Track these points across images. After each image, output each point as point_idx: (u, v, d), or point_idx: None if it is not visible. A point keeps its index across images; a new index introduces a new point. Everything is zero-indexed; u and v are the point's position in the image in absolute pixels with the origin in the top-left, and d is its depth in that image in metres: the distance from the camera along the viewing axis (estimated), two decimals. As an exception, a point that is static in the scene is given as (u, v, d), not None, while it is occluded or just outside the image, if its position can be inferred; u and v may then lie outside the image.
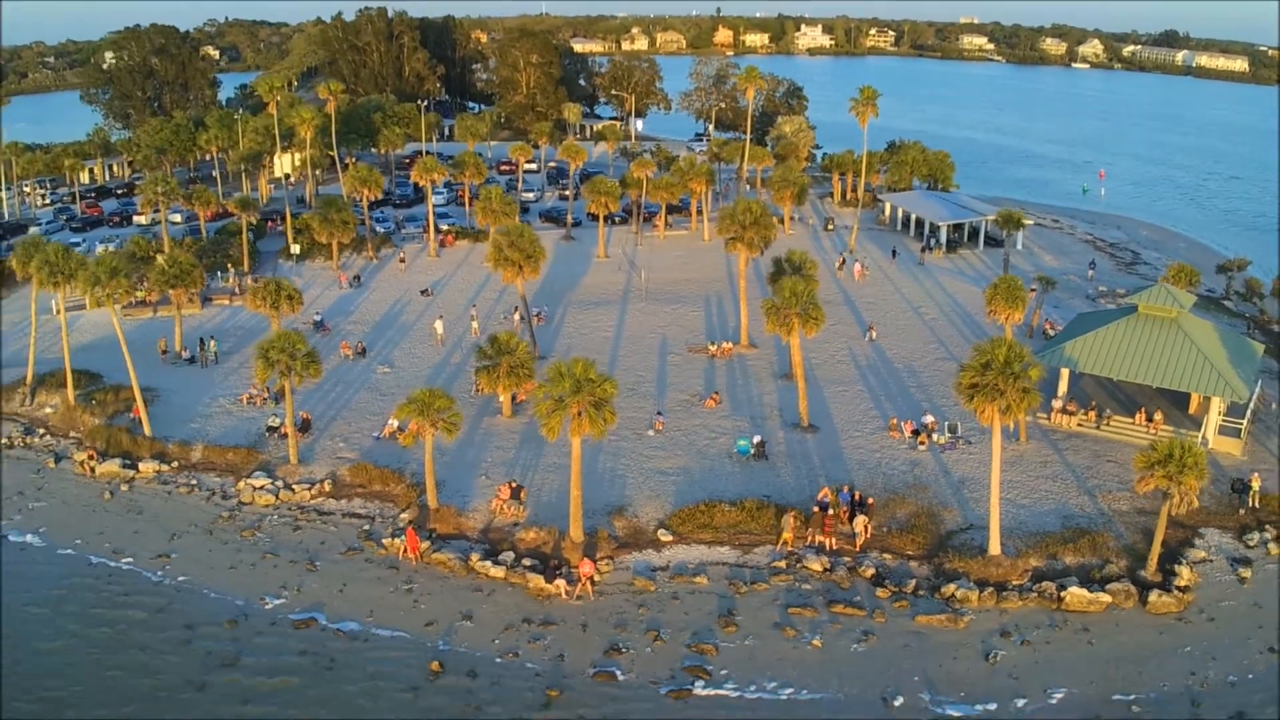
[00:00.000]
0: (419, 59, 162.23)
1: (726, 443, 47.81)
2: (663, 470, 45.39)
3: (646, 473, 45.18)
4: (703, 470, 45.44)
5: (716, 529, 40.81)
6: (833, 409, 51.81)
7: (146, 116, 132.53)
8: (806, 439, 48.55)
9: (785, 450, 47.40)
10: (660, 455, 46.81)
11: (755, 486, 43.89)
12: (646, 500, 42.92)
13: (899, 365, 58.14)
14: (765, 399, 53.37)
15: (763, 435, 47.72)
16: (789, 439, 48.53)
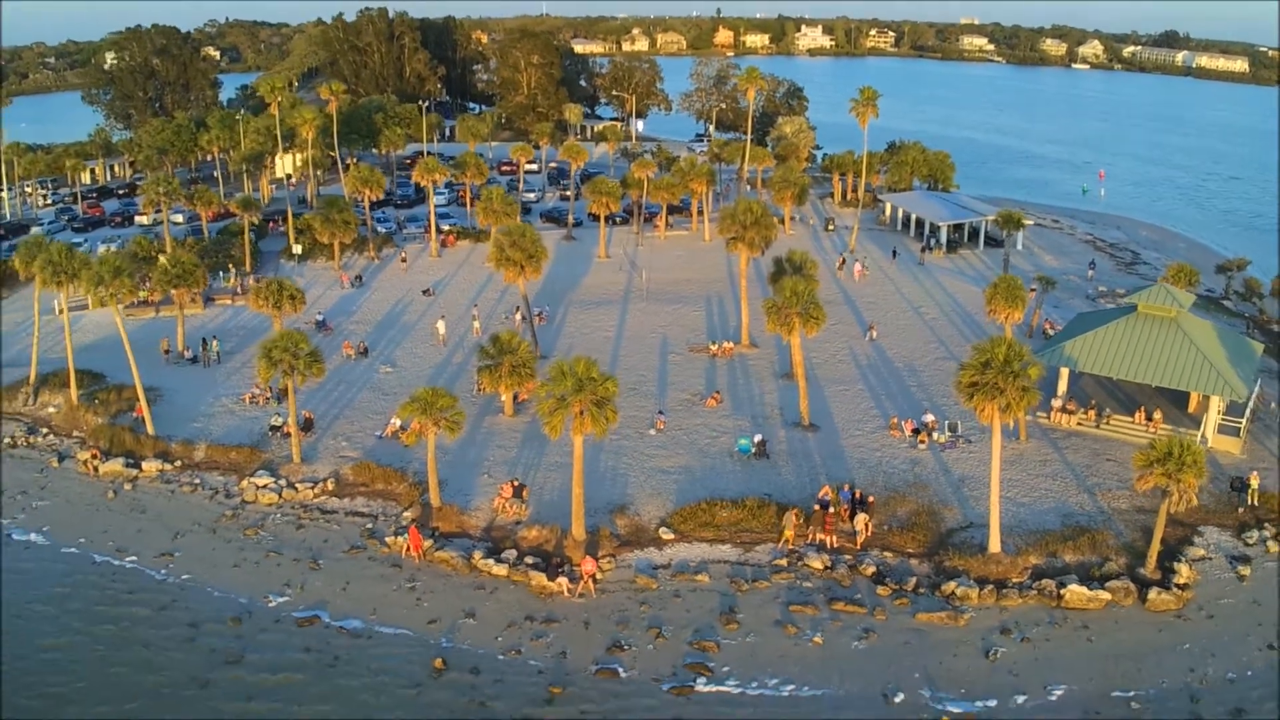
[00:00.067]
0: (420, 60, 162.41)
1: (728, 441, 47.98)
2: (664, 469, 45.55)
3: (648, 471, 45.33)
4: (704, 469, 45.60)
5: (718, 527, 40.95)
6: (833, 408, 51.99)
7: (148, 117, 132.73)
8: (807, 438, 48.71)
9: (786, 449, 47.56)
10: (662, 454, 46.98)
11: (756, 485, 44.04)
12: (648, 499, 43.09)
13: (899, 365, 58.31)
14: (766, 398, 53.54)
15: (764, 434, 47.86)
16: (790, 438, 48.70)
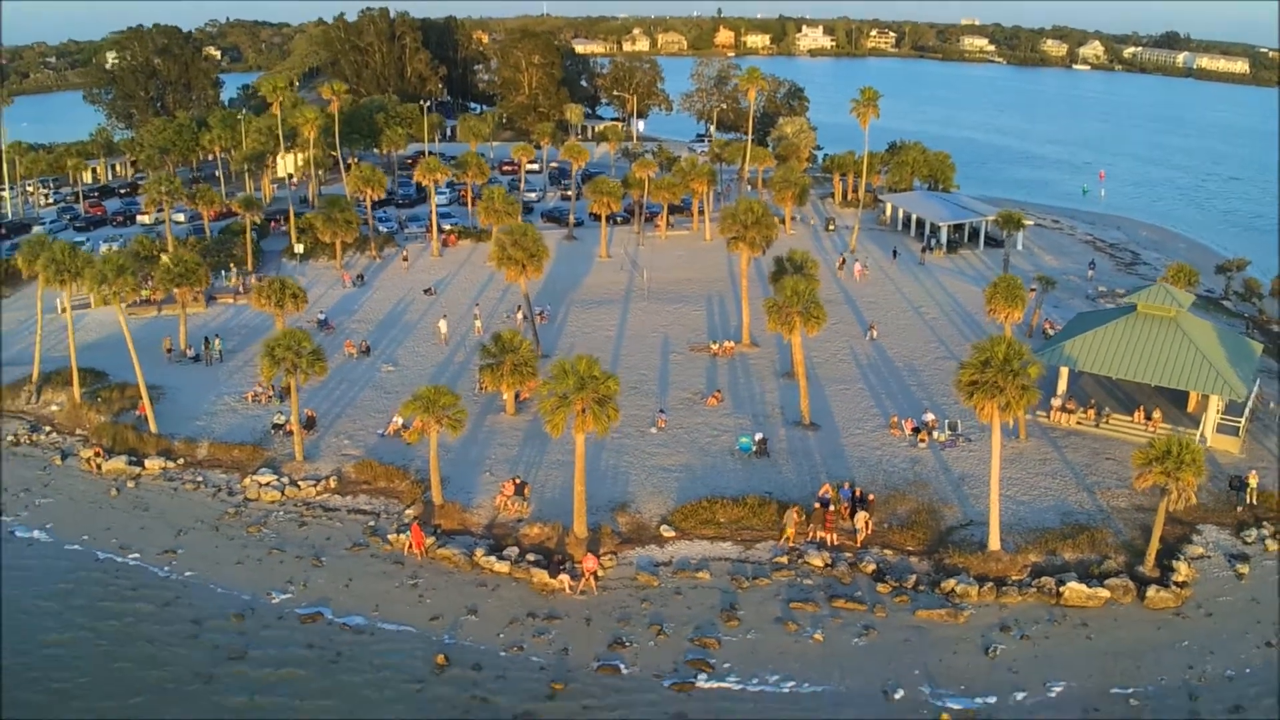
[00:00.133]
0: (421, 59, 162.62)
1: (728, 440, 48.15)
2: (665, 467, 45.72)
3: (649, 470, 45.50)
4: (705, 467, 45.77)
5: (719, 525, 41.12)
6: (834, 407, 52.15)
7: (149, 116, 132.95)
8: (808, 436, 48.88)
9: (787, 447, 47.73)
10: (663, 452, 47.15)
11: (757, 483, 44.21)
12: (649, 497, 43.25)
13: (899, 364, 58.48)
14: (767, 397, 53.71)
15: (764, 433, 48.03)
16: (790, 436, 48.87)
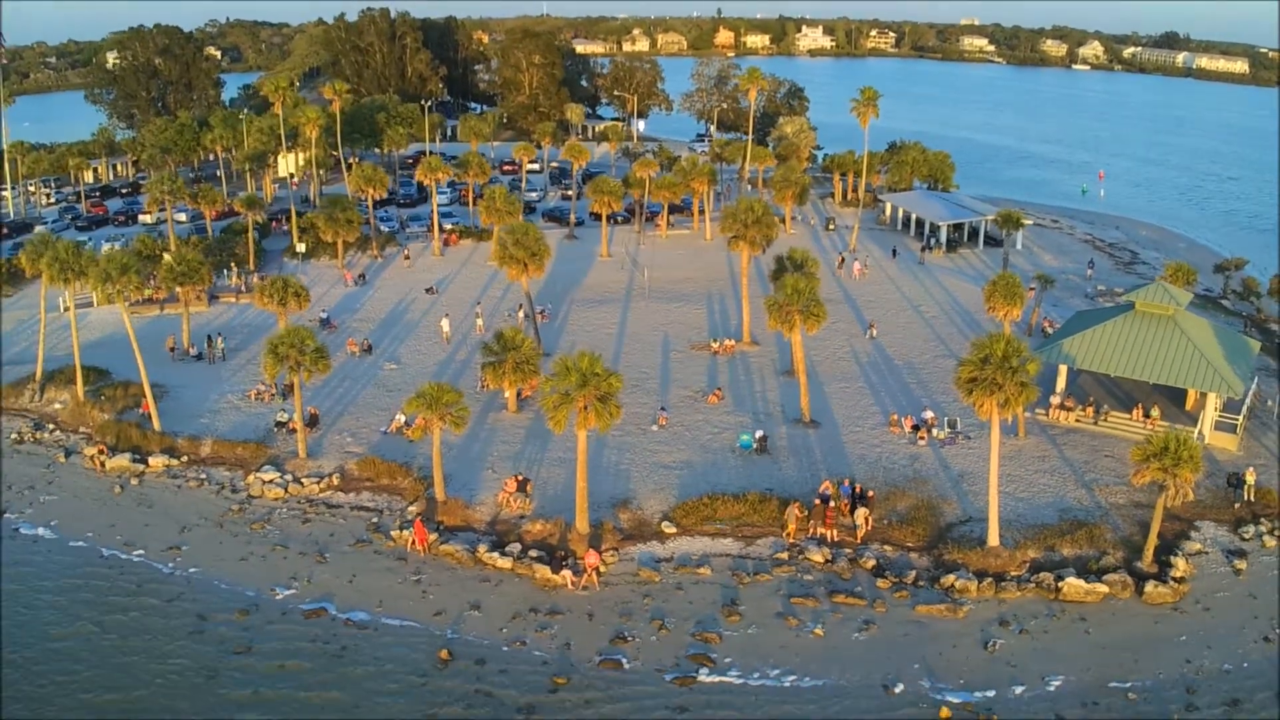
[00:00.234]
0: (422, 59, 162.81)
1: (729, 437, 48.41)
2: (666, 464, 45.98)
3: (650, 467, 45.76)
4: (706, 464, 46.03)
5: (719, 521, 41.36)
6: (834, 405, 52.42)
7: (151, 116, 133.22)
8: (808, 434, 49.14)
9: (787, 445, 47.99)
10: (664, 450, 47.41)
11: (757, 480, 44.47)
12: (651, 493, 43.51)
13: (899, 362, 58.74)
14: (768, 395, 53.98)
15: (765, 430, 48.30)
16: (791, 434, 49.13)
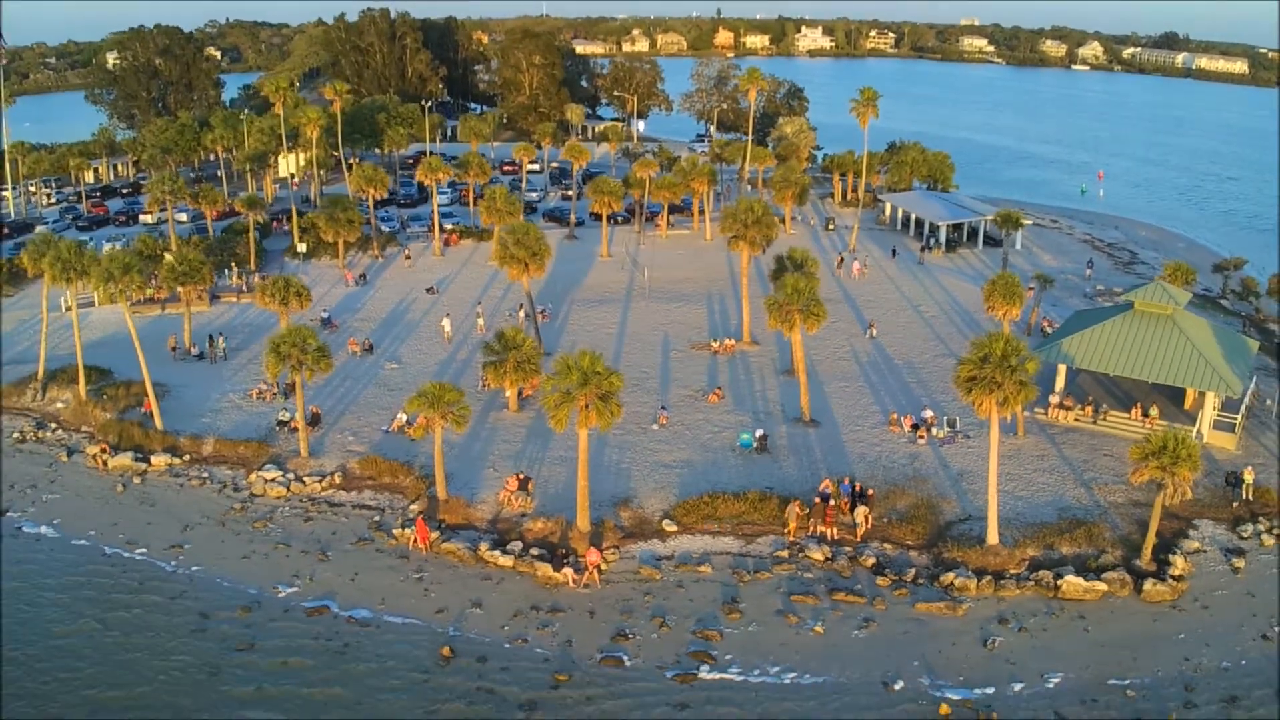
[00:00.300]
0: (422, 60, 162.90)
1: (729, 436, 48.58)
2: (667, 463, 46.15)
3: (651, 465, 45.93)
4: (706, 463, 46.20)
5: (720, 520, 41.52)
6: (834, 404, 52.58)
7: (151, 117, 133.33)
8: (808, 433, 49.31)
9: (787, 444, 48.16)
10: (664, 449, 47.57)
11: (758, 479, 44.65)
12: (651, 492, 43.68)
13: (899, 361, 58.91)
14: (768, 394, 54.15)
15: (765, 429, 48.47)
16: (791, 433, 49.30)
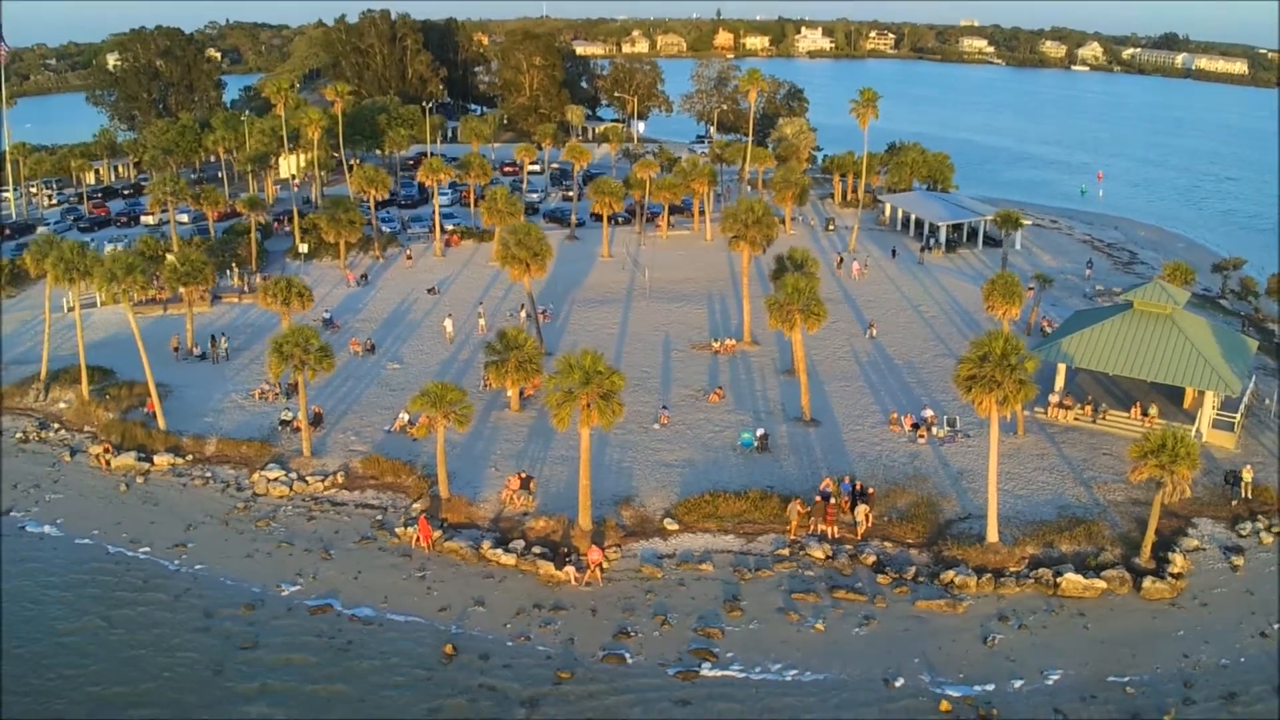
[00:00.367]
0: (422, 61, 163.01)
1: (730, 436, 48.76)
2: (668, 462, 46.33)
3: (652, 464, 46.12)
4: (707, 462, 46.38)
5: (721, 518, 41.70)
6: (834, 403, 52.77)
7: (152, 118, 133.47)
8: (809, 432, 49.49)
9: (788, 443, 48.34)
10: (666, 448, 47.76)
11: (759, 478, 44.84)
12: (653, 491, 43.86)
13: (899, 361, 59.10)
14: (768, 394, 54.34)
15: (766, 428, 48.65)
16: (791, 432, 49.49)
